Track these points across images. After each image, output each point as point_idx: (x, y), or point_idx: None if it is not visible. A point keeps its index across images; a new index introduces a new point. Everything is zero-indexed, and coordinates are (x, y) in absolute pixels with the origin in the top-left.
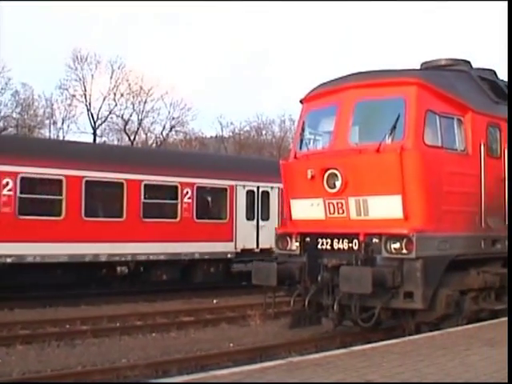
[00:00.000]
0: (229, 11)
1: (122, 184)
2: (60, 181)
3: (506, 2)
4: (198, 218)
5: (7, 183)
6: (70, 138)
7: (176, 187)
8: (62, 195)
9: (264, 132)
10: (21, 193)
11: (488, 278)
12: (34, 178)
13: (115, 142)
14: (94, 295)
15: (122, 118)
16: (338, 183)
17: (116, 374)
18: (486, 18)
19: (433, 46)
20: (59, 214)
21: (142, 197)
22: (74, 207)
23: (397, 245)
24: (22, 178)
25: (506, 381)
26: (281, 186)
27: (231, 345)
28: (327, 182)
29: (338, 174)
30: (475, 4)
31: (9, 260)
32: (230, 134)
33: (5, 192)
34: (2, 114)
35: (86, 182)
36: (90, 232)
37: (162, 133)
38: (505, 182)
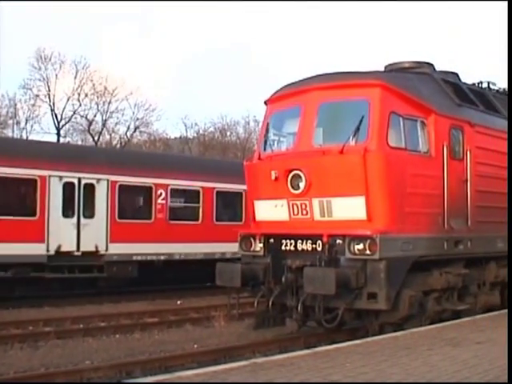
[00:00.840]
0: (192, 11)
1: (242, 193)
2: (198, 191)
3: (506, 3)
4: None
5: (161, 194)
6: (33, 138)
7: None
8: (199, 203)
9: (228, 133)
10: (170, 202)
11: (450, 278)
12: (179, 188)
13: (79, 143)
14: (58, 296)
15: (86, 118)
16: (302, 184)
17: (80, 376)
18: (451, 21)
19: (396, 48)
20: (198, 219)
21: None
22: (207, 213)
23: (360, 246)
24: (172, 189)
25: (508, 380)
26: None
27: (195, 346)
28: (291, 183)
29: (302, 175)
30: (441, 7)
31: (162, 258)
32: (195, 134)
33: (159, 201)
34: None
35: (217, 192)
36: (219, 234)
37: (126, 133)
38: (467, 183)
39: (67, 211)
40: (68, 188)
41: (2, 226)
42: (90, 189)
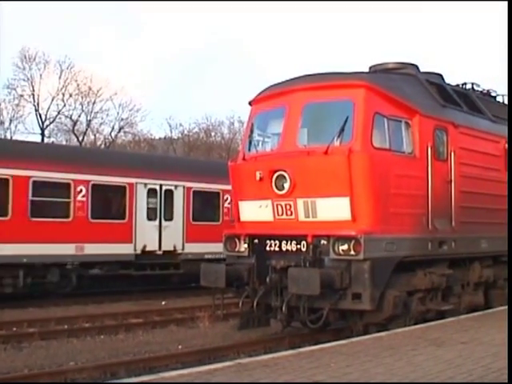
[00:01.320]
0: (177, 13)
1: None
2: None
3: (506, 3)
4: None
5: (226, 198)
6: (17, 138)
7: None
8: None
9: (213, 133)
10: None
11: (434, 278)
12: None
13: (63, 143)
14: (42, 297)
15: (71, 118)
16: (287, 185)
17: (64, 377)
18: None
19: (381, 49)
20: None
21: None
22: None
23: (345, 246)
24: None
25: (506, 380)
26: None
27: (180, 346)
28: (275, 183)
29: (287, 176)
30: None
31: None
32: (179, 135)
33: (226, 205)
34: None
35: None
36: None
37: (110, 134)
38: (451, 184)
39: (150, 215)
40: (151, 194)
41: (99, 229)
42: (169, 194)
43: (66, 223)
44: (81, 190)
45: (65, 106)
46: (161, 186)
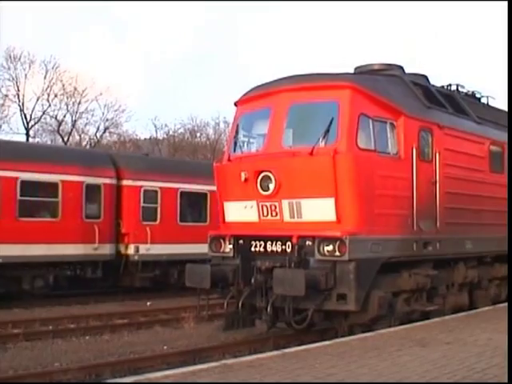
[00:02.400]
0: (163, 14)
1: None
2: None
3: (506, 3)
4: None
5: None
6: (1, 138)
7: None
8: None
9: (198, 134)
10: None
11: (419, 279)
12: None
13: (48, 143)
14: (26, 298)
15: (56, 118)
16: (272, 186)
17: (49, 378)
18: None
19: (366, 50)
20: None
21: None
22: None
23: (330, 247)
24: None
25: (507, 380)
26: None
27: (165, 347)
28: (261, 184)
29: (272, 177)
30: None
31: None
32: (165, 136)
33: None
34: None
35: None
36: None
37: (95, 134)
38: (436, 185)
39: None
40: None
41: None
42: None
43: None
44: None
45: (50, 106)
46: None
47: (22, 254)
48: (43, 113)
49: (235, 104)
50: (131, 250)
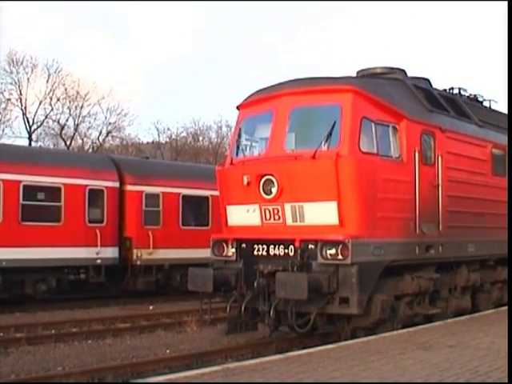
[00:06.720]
0: (164, 16)
1: None
2: None
3: (506, 3)
4: None
5: None
6: (4, 142)
7: None
8: None
9: (201, 138)
10: None
11: (422, 282)
12: None
13: (51, 147)
14: (29, 302)
15: (58, 122)
16: (274, 189)
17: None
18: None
19: (368, 54)
20: None
21: None
22: None
23: (332, 251)
24: None
25: (507, 381)
26: None
27: (167, 351)
28: (263, 188)
29: (274, 181)
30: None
31: None
32: (167, 139)
33: None
34: None
35: None
36: None
37: (98, 138)
38: (438, 188)
39: None
40: None
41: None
42: None
43: None
44: None
45: (52, 109)
46: None
47: (24, 257)
48: (45, 117)
49: (237, 108)
50: (134, 255)
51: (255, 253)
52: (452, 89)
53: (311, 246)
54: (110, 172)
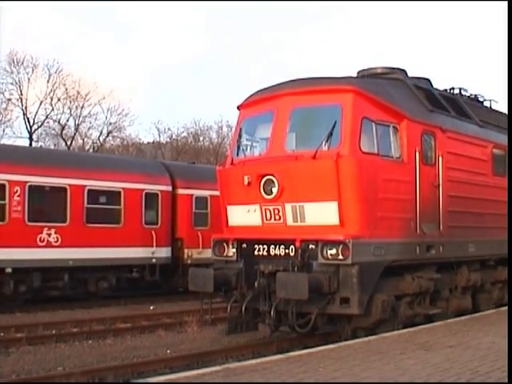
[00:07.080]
0: (165, 16)
1: None
2: None
3: (506, 3)
4: None
5: None
6: (5, 142)
7: None
8: None
9: (201, 138)
10: None
11: (422, 283)
12: None
13: (52, 147)
14: (29, 302)
15: (59, 122)
16: (275, 189)
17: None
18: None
19: (369, 54)
20: None
21: None
22: None
23: (333, 251)
24: None
25: (507, 381)
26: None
27: (168, 351)
28: (264, 188)
29: (275, 181)
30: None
31: None
32: (168, 139)
33: None
34: None
35: None
36: None
37: (98, 138)
38: (439, 188)
39: None
40: None
41: None
42: None
43: None
44: None
45: (53, 110)
46: None
47: (89, 257)
48: (46, 117)
49: (238, 108)
50: (185, 254)
51: (256, 253)
52: (452, 89)
53: (312, 246)
54: (163, 177)
